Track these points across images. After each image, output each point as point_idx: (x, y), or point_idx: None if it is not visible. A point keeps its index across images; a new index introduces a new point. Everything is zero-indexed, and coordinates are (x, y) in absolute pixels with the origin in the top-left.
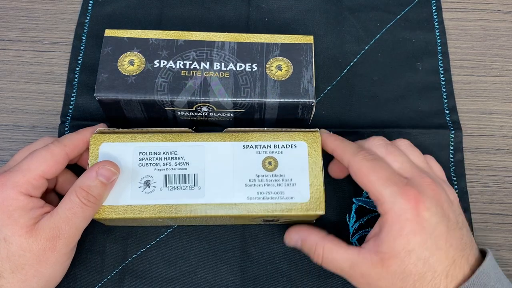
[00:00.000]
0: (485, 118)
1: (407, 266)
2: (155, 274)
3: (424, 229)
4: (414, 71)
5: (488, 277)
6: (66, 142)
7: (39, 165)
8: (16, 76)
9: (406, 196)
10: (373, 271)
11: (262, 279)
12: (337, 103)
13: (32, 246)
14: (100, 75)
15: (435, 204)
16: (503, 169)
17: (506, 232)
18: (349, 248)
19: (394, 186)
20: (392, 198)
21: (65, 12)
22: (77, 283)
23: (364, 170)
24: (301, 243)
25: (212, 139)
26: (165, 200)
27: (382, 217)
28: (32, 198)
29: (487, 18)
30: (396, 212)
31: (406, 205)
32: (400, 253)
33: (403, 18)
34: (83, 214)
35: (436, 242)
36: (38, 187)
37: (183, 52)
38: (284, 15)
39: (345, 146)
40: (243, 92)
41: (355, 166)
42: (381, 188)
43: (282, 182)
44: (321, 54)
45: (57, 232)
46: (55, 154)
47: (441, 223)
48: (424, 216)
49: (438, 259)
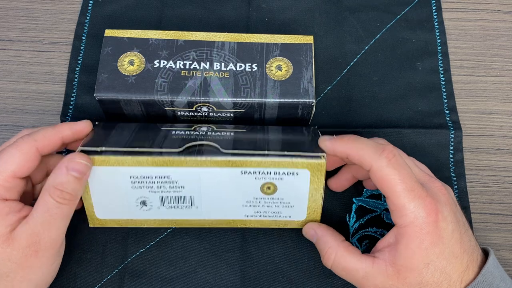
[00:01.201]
0: (485, 118)
1: (424, 277)
2: (155, 274)
3: (442, 239)
4: (414, 71)
5: (492, 276)
6: (37, 137)
7: (8, 165)
8: (16, 76)
9: (428, 209)
10: (387, 283)
11: (262, 279)
12: (337, 103)
13: (11, 255)
14: (100, 75)
15: (449, 211)
16: (503, 169)
17: (506, 232)
18: (363, 257)
19: (418, 199)
20: (415, 212)
21: (65, 12)
22: (77, 283)
23: (390, 178)
24: (316, 240)
25: (207, 165)
26: (164, 216)
27: (401, 229)
28: (7, 202)
29: (487, 18)
30: (417, 226)
31: (428, 218)
32: (418, 266)
33: (403, 18)
34: (61, 213)
35: (453, 251)
36: (12, 188)
37: (183, 52)
38: (284, 15)
39: (362, 148)
40: (243, 92)
41: (379, 173)
42: (406, 201)
43: (279, 204)
44: (321, 54)
45: (36, 238)
46: (24, 152)
47: (456, 230)
48: (442, 226)
49: (454, 267)
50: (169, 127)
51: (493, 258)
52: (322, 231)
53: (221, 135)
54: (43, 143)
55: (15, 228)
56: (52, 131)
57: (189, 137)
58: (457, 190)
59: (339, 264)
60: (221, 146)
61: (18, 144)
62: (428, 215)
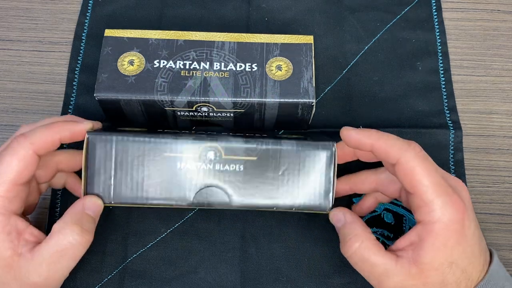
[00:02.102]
0: (485, 118)
1: (446, 277)
2: (155, 274)
3: (466, 238)
4: (414, 71)
5: (498, 276)
6: (34, 140)
7: (8, 175)
8: (16, 76)
9: (456, 206)
10: (408, 283)
11: (262, 279)
12: (337, 103)
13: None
14: (100, 75)
15: (471, 210)
16: (503, 169)
17: (506, 232)
18: (386, 254)
19: (445, 195)
20: (443, 209)
21: (65, 12)
22: (77, 283)
23: (418, 171)
24: (341, 225)
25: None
26: None
27: (427, 226)
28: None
29: (487, 18)
30: (445, 223)
31: (456, 216)
32: (442, 264)
33: (403, 18)
34: (74, 254)
35: (473, 250)
36: (15, 197)
37: (183, 52)
38: (284, 15)
39: (390, 139)
40: (243, 92)
41: (407, 165)
42: (433, 196)
43: None
44: (321, 54)
45: (44, 282)
46: (21, 158)
47: (476, 229)
48: (467, 225)
49: (474, 267)
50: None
51: (497, 259)
52: (351, 217)
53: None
54: (39, 146)
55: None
56: (50, 132)
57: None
58: None
59: (362, 255)
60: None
61: (14, 150)
62: (456, 212)
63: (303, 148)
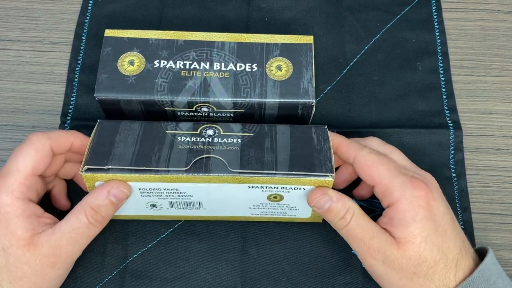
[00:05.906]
0: (485, 118)
1: (422, 252)
2: (155, 274)
3: (434, 216)
4: (414, 71)
5: (490, 272)
6: (51, 135)
7: (27, 163)
8: (16, 76)
9: (416, 184)
10: (388, 250)
11: (262, 279)
12: (337, 103)
13: (30, 260)
14: (100, 75)
15: (440, 195)
16: (503, 169)
17: (506, 232)
18: (372, 221)
19: (403, 176)
20: (402, 187)
21: (65, 12)
22: (77, 283)
23: (371, 162)
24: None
25: (214, 182)
26: (173, 213)
27: (392, 206)
28: (29, 204)
29: (487, 18)
30: (408, 199)
31: (418, 192)
32: (416, 238)
33: (403, 18)
34: (88, 234)
35: (445, 230)
36: (32, 186)
37: (183, 52)
38: (284, 15)
39: (349, 143)
40: (243, 92)
41: (362, 160)
42: (391, 178)
43: (285, 207)
44: (321, 54)
45: (59, 251)
46: (39, 149)
47: (447, 213)
48: (433, 205)
49: (449, 247)
50: (174, 130)
51: (492, 256)
52: (338, 194)
53: (228, 143)
54: (56, 142)
55: (38, 234)
56: (66, 134)
57: (196, 147)
58: (457, 190)
59: (357, 223)
60: (228, 162)
61: (32, 141)
62: (417, 189)
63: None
